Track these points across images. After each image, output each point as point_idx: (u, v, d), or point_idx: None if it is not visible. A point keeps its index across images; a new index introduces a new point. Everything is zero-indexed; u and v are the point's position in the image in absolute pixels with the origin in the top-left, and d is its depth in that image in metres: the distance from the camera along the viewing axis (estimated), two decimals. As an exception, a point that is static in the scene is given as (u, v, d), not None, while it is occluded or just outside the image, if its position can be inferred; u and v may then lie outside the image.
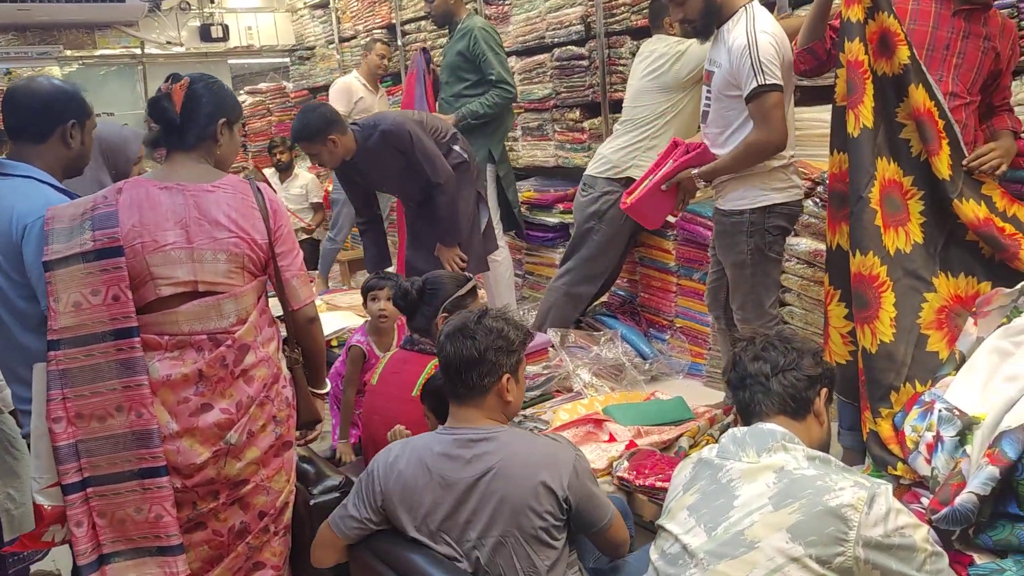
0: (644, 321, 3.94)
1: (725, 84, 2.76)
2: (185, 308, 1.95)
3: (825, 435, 1.70)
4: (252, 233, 2.01)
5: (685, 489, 1.62)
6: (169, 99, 2.05)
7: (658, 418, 2.92)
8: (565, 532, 1.80)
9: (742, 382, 1.69)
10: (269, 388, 2.02)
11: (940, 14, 2.41)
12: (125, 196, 1.96)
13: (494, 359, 1.86)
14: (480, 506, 1.76)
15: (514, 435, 1.85)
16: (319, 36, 7.59)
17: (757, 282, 2.88)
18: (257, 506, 2.03)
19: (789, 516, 1.43)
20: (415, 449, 1.87)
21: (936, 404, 2.04)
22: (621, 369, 3.48)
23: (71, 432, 1.87)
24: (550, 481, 1.74)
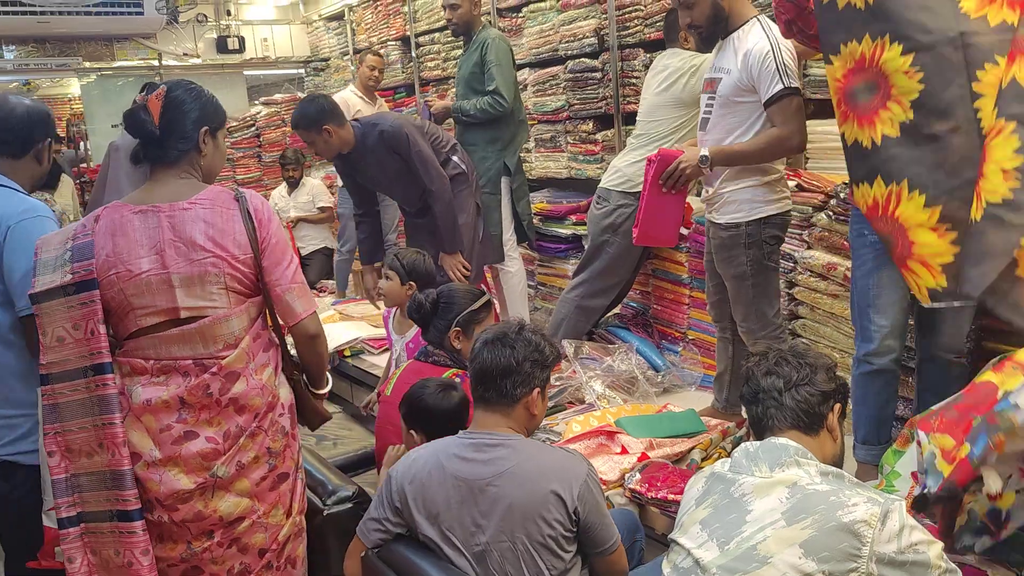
0: (656, 333, 3.94)
1: (735, 90, 2.77)
2: (168, 334, 1.87)
3: (839, 450, 1.70)
4: (232, 249, 1.89)
5: (698, 503, 1.63)
6: (146, 111, 1.92)
7: (670, 430, 2.92)
8: (574, 545, 1.81)
9: (755, 396, 1.70)
10: (262, 418, 1.92)
11: None
12: (101, 224, 1.89)
13: (529, 371, 1.90)
14: (490, 509, 1.78)
15: (529, 443, 1.88)
16: (334, 48, 7.65)
17: (758, 293, 2.90)
18: (256, 545, 1.95)
19: (802, 531, 1.43)
20: (435, 450, 1.91)
21: None
22: (634, 381, 3.48)
23: (65, 466, 1.85)
24: (561, 491, 1.76)
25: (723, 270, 2.96)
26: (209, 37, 7.81)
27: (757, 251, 2.85)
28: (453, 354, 2.60)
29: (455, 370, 2.52)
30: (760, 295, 2.90)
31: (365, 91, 5.59)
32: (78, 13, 6.57)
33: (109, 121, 7.56)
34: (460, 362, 2.58)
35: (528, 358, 1.90)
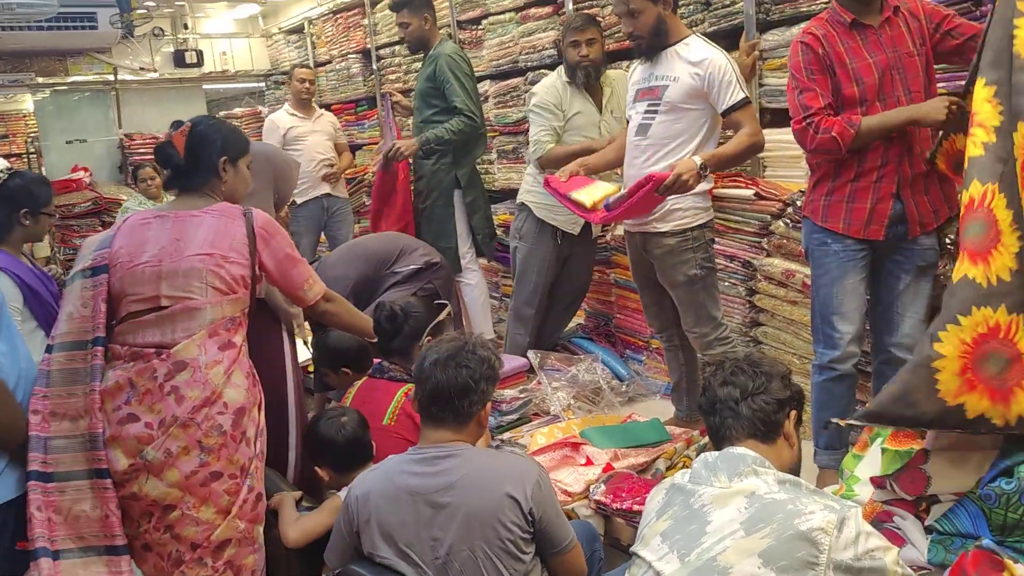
0: (620, 343, 3.95)
1: (686, 96, 2.86)
2: (145, 319, 2.09)
3: (796, 457, 1.71)
4: (226, 253, 2.13)
5: (658, 515, 1.62)
6: (172, 145, 2.24)
7: (635, 440, 2.92)
8: (532, 547, 1.82)
9: (712, 407, 1.70)
10: (197, 411, 2.03)
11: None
12: (127, 223, 2.21)
13: (484, 388, 1.92)
14: (447, 521, 1.77)
15: (478, 451, 1.90)
16: (294, 60, 7.59)
17: (707, 296, 3.01)
18: (188, 537, 2.05)
19: (761, 541, 1.43)
20: (385, 470, 1.91)
21: None
22: (598, 391, 3.49)
23: (43, 427, 2.00)
24: (515, 493, 1.77)
25: (671, 277, 3.01)
26: (166, 51, 7.72)
27: (703, 253, 2.99)
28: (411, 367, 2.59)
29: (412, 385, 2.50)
30: (708, 297, 3.01)
31: (299, 106, 5.54)
32: (30, 28, 6.45)
33: (63, 137, 7.44)
34: None
35: (483, 376, 1.92)
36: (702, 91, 2.84)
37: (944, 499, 1.98)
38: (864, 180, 2.46)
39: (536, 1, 4.61)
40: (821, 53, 2.42)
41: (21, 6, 5.31)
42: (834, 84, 2.42)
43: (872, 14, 2.41)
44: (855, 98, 2.40)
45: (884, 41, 2.40)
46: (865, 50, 2.40)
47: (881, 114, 2.38)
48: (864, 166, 2.44)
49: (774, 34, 3.29)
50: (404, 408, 2.42)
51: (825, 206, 2.50)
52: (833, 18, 2.46)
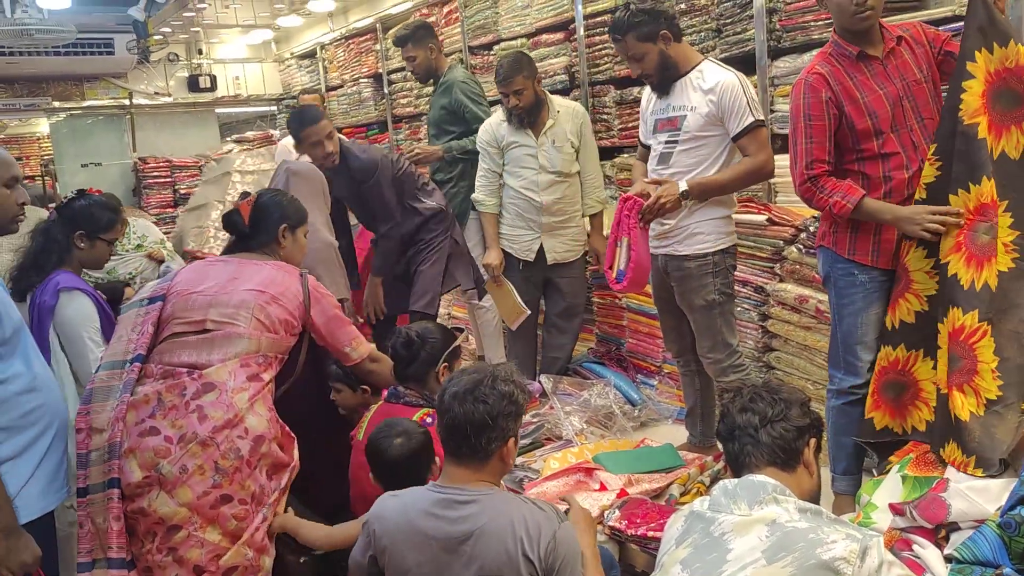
0: (632, 367, 3.94)
1: (703, 125, 2.89)
2: (185, 340, 2.21)
3: (815, 485, 1.71)
4: (279, 297, 2.31)
5: (678, 543, 1.62)
6: (239, 214, 2.51)
7: (648, 466, 2.92)
8: None
9: (731, 434, 1.71)
10: (218, 432, 2.08)
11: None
12: (193, 263, 2.53)
13: (504, 424, 1.83)
14: (462, 569, 1.74)
15: (500, 499, 1.82)
16: (306, 85, 7.68)
17: (724, 321, 2.99)
18: (191, 560, 2.06)
19: (782, 570, 1.43)
20: (405, 504, 1.86)
21: None
22: (611, 416, 3.48)
23: (85, 444, 2.11)
24: (530, 551, 1.72)
25: (689, 301, 3.00)
26: (180, 76, 7.81)
27: (723, 279, 2.97)
28: (428, 392, 2.59)
29: (427, 409, 2.50)
30: (725, 323, 2.99)
31: None
32: (48, 54, 6.54)
33: (79, 160, 7.52)
34: (432, 400, 2.56)
35: (503, 412, 1.82)
36: (718, 117, 2.86)
37: (964, 527, 1.97)
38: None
39: (547, 27, 4.66)
40: (825, 97, 2.40)
41: (40, 32, 5.39)
42: (847, 120, 2.40)
43: (875, 45, 2.41)
44: (869, 131, 2.40)
45: (891, 71, 2.41)
46: (874, 82, 2.40)
47: (877, 204, 2.38)
48: (891, 199, 2.42)
49: (785, 61, 3.31)
50: (420, 433, 2.41)
51: (852, 239, 2.48)
52: (838, 51, 2.44)
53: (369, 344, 2.60)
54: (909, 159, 2.40)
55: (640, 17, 2.86)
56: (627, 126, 4.23)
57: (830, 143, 2.42)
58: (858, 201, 2.38)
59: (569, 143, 3.74)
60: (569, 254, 3.88)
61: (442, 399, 1.86)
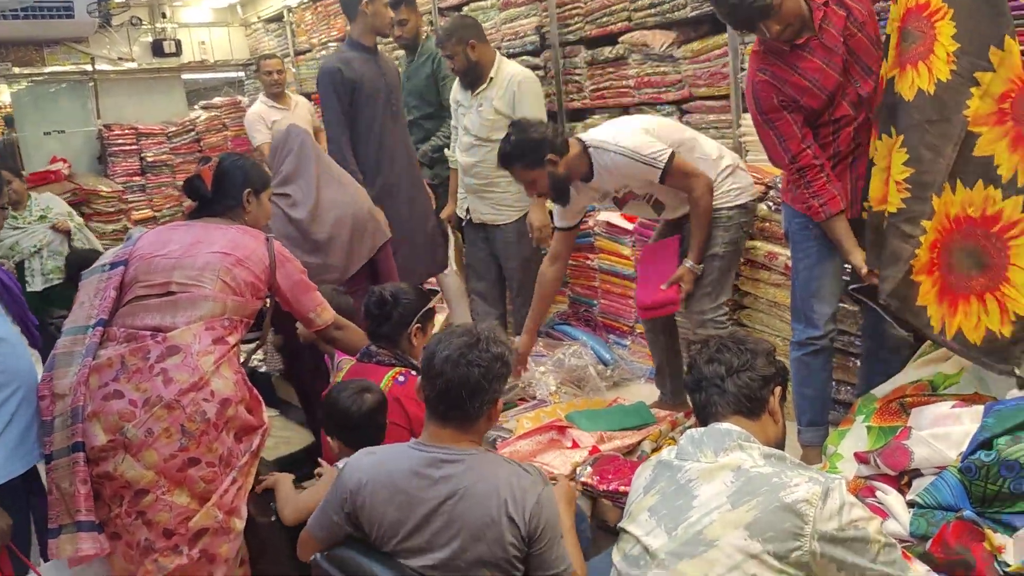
0: (604, 328, 3.96)
1: (646, 184, 2.96)
2: (148, 303, 2.18)
3: (780, 433, 1.73)
4: (245, 260, 2.28)
5: (645, 491, 1.64)
6: (200, 179, 2.49)
7: (620, 423, 2.94)
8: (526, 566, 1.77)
9: (698, 384, 1.72)
10: (183, 394, 2.06)
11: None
12: (156, 228, 2.47)
13: (496, 387, 1.83)
14: (443, 529, 1.74)
15: (486, 461, 1.81)
16: (274, 49, 7.55)
17: (721, 276, 2.97)
18: (160, 523, 2.06)
19: (747, 514, 1.45)
20: (385, 461, 1.84)
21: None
22: (584, 376, 3.50)
23: (49, 410, 2.10)
24: (513, 511, 1.72)
25: None
26: (144, 41, 7.65)
27: (733, 235, 2.96)
28: (400, 352, 2.59)
29: (399, 368, 2.50)
30: (721, 278, 2.97)
31: (274, 97, 5.48)
32: (5, 17, 6.36)
33: (41, 128, 7.35)
34: (404, 360, 2.56)
35: (495, 374, 1.81)
36: (647, 178, 2.89)
37: (926, 473, 2.02)
38: (841, 164, 2.50)
39: (518, -13, 4.61)
40: (778, 101, 2.44)
41: (-5, -6, 5.23)
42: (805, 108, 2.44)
43: (806, 28, 2.42)
44: (824, 105, 2.45)
45: (828, 40, 2.42)
46: (818, 60, 2.42)
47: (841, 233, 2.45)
48: (841, 151, 2.48)
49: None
50: (391, 392, 2.41)
51: None
52: (769, 48, 2.46)
53: (333, 311, 2.58)
54: (857, 113, 2.46)
55: (520, 149, 2.90)
56: (599, 87, 4.21)
57: (801, 131, 2.46)
58: (834, 215, 2.44)
59: (494, 110, 3.74)
60: (498, 217, 3.91)
61: (431, 363, 1.82)
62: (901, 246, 2.22)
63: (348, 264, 3.29)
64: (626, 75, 4.01)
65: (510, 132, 2.98)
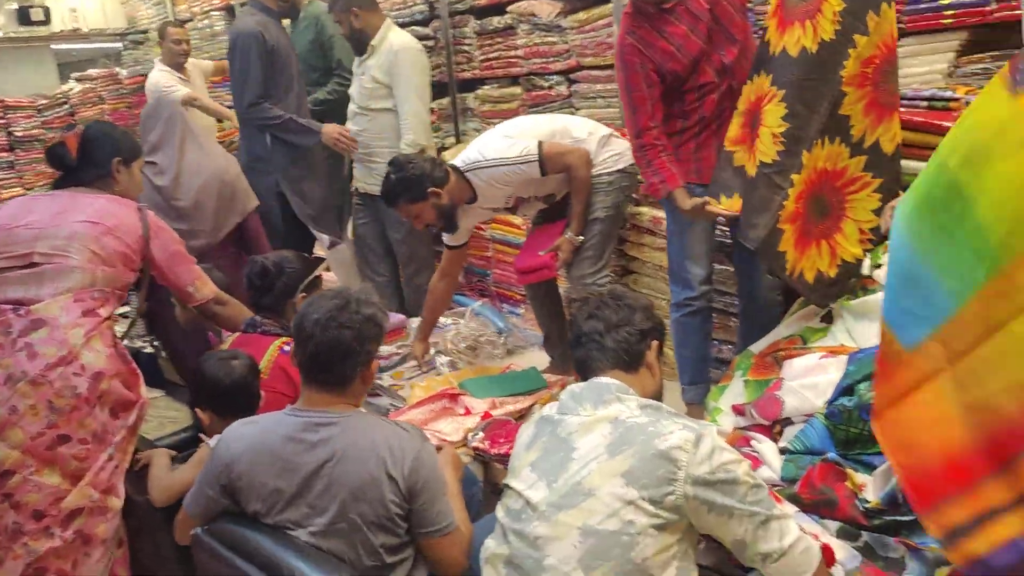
0: (498, 297, 3.99)
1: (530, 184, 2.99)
2: (9, 275, 2.07)
3: (658, 385, 1.78)
4: (115, 229, 2.18)
5: (527, 447, 1.66)
6: (64, 146, 2.36)
7: (512, 389, 2.97)
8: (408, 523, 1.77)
9: (578, 341, 1.75)
10: (51, 369, 1.98)
11: None
12: (17, 197, 2.40)
13: (371, 348, 1.83)
14: (323, 493, 1.72)
15: (362, 421, 1.81)
16: (153, 19, 7.19)
17: (602, 240, 3.01)
18: (29, 505, 1.98)
19: (624, 462, 1.49)
20: (261, 430, 1.82)
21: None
22: (477, 344, 3.52)
23: None
24: (393, 470, 1.72)
25: None
26: (9, 8, 7.14)
27: (614, 199, 3.00)
28: (286, 321, 2.53)
29: (285, 338, 2.45)
30: (603, 242, 3.02)
31: (176, 68, 5.24)
32: None
33: None
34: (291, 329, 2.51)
35: (368, 336, 1.81)
36: (527, 178, 2.93)
37: (796, 421, 2.12)
38: (707, 131, 2.61)
39: (405, -45, 4.53)
40: (640, 67, 2.51)
41: None
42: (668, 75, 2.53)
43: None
44: (688, 72, 2.53)
45: (694, 7, 2.51)
46: (684, 25, 2.50)
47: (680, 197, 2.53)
48: (706, 116, 2.59)
49: None
50: (278, 362, 2.37)
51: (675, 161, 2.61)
52: (637, 9, 2.53)
53: (214, 286, 2.50)
54: (720, 80, 2.55)
55: (402, 186, 2.91)
56: (488, 57, 4.20)
57: (654, 108, 2.55)
58: (670, 191, 2.55)
59: (372, 79, 3.72)
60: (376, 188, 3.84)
61: (301, 326, 1.81)
62: (771, 196, 2.33)
63: (216, 230, 3.25)
64: (515, 45, 4.01)
65: (389, 171, 2.98)
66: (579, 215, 2.96)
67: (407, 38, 3.84)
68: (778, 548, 1.47)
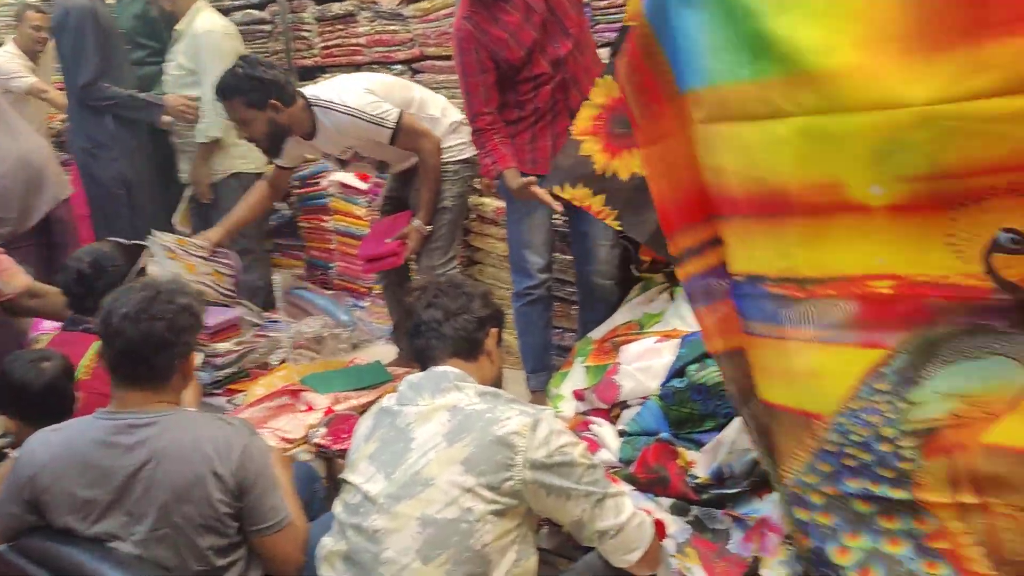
0: (342, 290, 3.91)
1: (373, 146, 2.93)
2: None
3: (497, 373, 1.79)
4: None
5: (366, 439, 1.63)
6: None
7: (357, 383, 2.91)
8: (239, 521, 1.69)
9: (417, 330, 1.73)
10: None
11: None
12: None
13: (188, 339, 1.72)
14: (143, 497, 1.61)
15: (182, 418, 1.71)
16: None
17: (449, 231, 3.02)
18: None
19: (462, 450, 1.48)
20: (67, 437, 1.67)
21: None
22: (321, 340, 3.43)
23: None
24: (219, 467, 1.63)
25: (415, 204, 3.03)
26: None
27: (459, 188, 3.00)
28: None
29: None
30: (450, 233, 3.01)
31: (29, 54, 4.75)
32: None
33: None
34: None
35: (185, 326, 1.71)
36: (375, 139, 2.86)
37: (633, 404, 2.19)
38: (541, 122, 2.64)
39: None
40: (476, 53, 2.53)
41: None
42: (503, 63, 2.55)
43: None
44: (522, 62, 2.56)
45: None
46: (518, 15, 2.54)
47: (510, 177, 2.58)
48: (540, 108, 2.63)
49: None
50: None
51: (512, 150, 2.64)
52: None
53: (26, 277, 2.30)
54: (555, 72, 2.60)
55: (247, 84, 2.75)
56: (328, 45, 4.09)
57: (488, 93, 2.58)
58: (501, 172, 2.58)
59: (179, 65, 3.60)
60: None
61: (108, 322, 1.67)
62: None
63: (24, 217, 2.98)
64: (356, 33, 3.93)
65: (239, 64, 2.78)
66: (427, 203, 2.93)
67: (213, 21, 3.62)
68: (614, 525, 1.51)
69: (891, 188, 1.16)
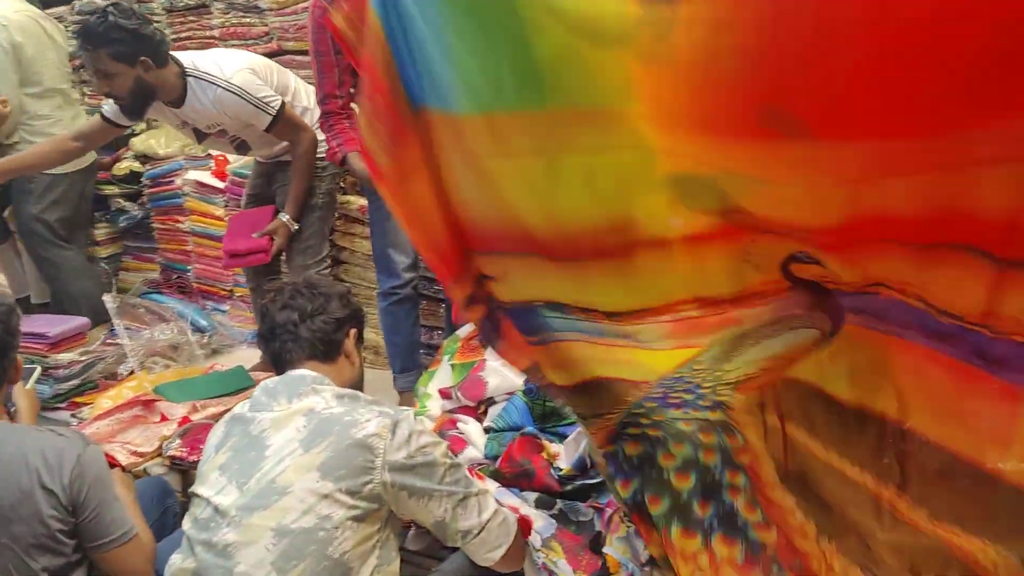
0: (200, 294, 3.73)
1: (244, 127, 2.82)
2: None
3: (357, 374, 1.74)
4: None
5: (217, 449, 1.56)
6: None
7: (216, 390, 2.77)
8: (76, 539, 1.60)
9: (272, 333, 1.67)
10: None
11: None
12: None
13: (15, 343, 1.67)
14: None
15: (6, 429, 1.61)
16: None
17: (320, 228, 2.96)
18: None
19: (319, 455, 1.44)
20: None
21: None
22: (178, 346, 3.27)
23: None
24: (48, 481, 1.53)
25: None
26: None
27: (328, 184, 2.95)
28: None
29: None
30: (320, 230, 2.96)
31: None
32: None
33: None
34: None
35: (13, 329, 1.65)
36: (249, 121, 2.76)
37: (499, 400, 2.19)
38: None
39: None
40: (329, 37, 2.46)
41: None
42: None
43: None
44: None
45: None
46: None
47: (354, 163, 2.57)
48: None
49: None
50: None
51: None
52: None
53: None
54: None
55: (118, 34, 2.55)
56: (180, 36, 3.90)
57: (342, 77, 2.52)
58: (348, 153, 2.55)
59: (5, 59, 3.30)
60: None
61: None
62: None
63: None
64: (209, 25, 3.76)
65: (111, 10, 2.55)
66: (297, 198, 2.84)
67: (23, 7, 3.37)
68: (477, 524, 1.51)
69: (689, 220, 1.19)
